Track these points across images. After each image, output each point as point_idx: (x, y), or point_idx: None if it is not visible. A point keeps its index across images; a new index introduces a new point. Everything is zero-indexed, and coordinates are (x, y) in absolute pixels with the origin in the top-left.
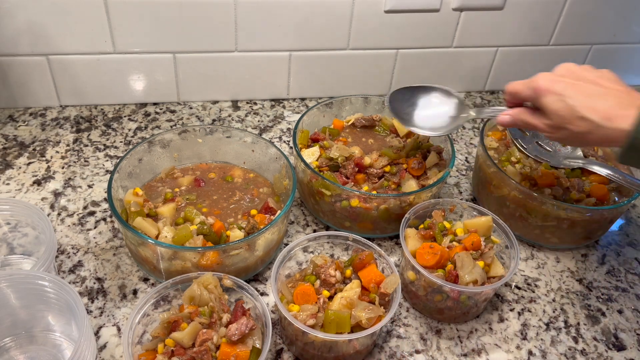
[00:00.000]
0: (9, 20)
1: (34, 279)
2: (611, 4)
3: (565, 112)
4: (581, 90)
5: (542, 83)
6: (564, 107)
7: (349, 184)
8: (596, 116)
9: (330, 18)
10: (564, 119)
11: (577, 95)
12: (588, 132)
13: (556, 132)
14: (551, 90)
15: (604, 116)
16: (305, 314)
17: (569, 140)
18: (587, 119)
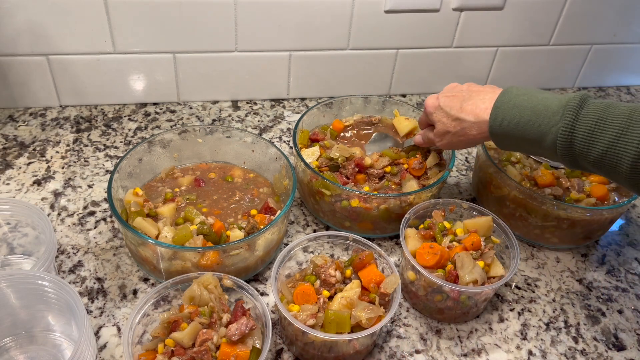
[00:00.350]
0: (9, 20)
1: (34, 279)
2: (611, 4)
3: (443, 118)
4: (453, 98)
5: (427, 103)
6: (443, 115)
7: (349, 184)
8: (465, 115)
9: (330, 18)
10: (444, 124)
11: (450, 102)
12: (464, 129)
13: (443, 138)
14: (434, 106)
15: (471, 113)
16: (305, 314)
17: (454, 142)
18: (460, 119)
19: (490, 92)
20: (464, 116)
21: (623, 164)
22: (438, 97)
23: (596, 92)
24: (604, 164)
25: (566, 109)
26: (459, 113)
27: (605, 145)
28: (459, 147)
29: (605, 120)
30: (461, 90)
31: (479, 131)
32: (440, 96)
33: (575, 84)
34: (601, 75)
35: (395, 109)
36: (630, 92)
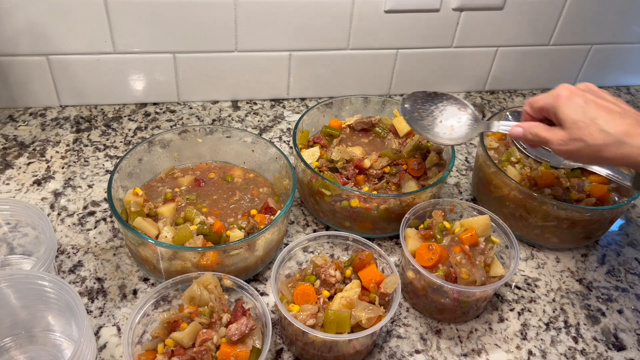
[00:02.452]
0: (9, 20)
1: (34, 279)
2: (611, 4)
3: (585, 123)
4: (602, 105)
5: (564, 92)
6: (584, 117)
7: (349, 184)
8: (616, 130)
9: (330, 18)
10: (582, 130)
11: (598, 109)
12: (605, 146)
13: (569, 144)
14: (573, 100)
15: (624, 132)
16: (305, 314)
17: (581, 154)
18: (606, 132)
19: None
20: (614, 132)
21: None
22: (578, 92)
23: None
24: None
25: None
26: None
27: None
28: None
29: None
30: (608, 100)
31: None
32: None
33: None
34: (601, 75)
35: (395, 109)
36: (630, 92)
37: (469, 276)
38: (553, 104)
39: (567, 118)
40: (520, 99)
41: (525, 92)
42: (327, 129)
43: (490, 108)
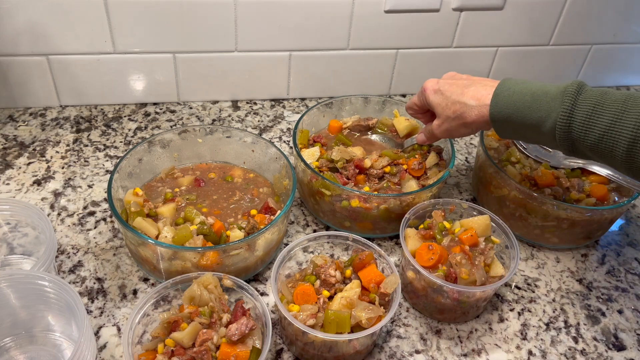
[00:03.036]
0: (9, 20)
1: (34, 279)
2: (611, 4)
3: (443, 101)
4: (453, 84)
5: (426, 86)
6: (442, 98)
7: (349, 184)
8: (466, 98)
9: (330, 18)
10: (444, 109)
11: (451, 87)
12: (463, 113)
13: (443, 125)
14: (434, 89)
15: (472, 97)
16: (305, 314)
17: (453, 128)
18: (459, 102)
19: (490, 81)
20: (464, 100)
21: (619, 148)
22: (438, 81)
23: None
24: (601, 148)
25: (564, 95)
26: (460, 97)
27: (602, 129)
28: (458, 133)
29: (602, 105)
30: (461, 78)
31: (479, 115)
32: (440, 81)
33: None
34: (601, 75)
35: (395, 109)
36: None
37: (469, 276)
38: (423, 99)
39: (433, 104)
40: None
41: None
42: (341, 137)
43: None
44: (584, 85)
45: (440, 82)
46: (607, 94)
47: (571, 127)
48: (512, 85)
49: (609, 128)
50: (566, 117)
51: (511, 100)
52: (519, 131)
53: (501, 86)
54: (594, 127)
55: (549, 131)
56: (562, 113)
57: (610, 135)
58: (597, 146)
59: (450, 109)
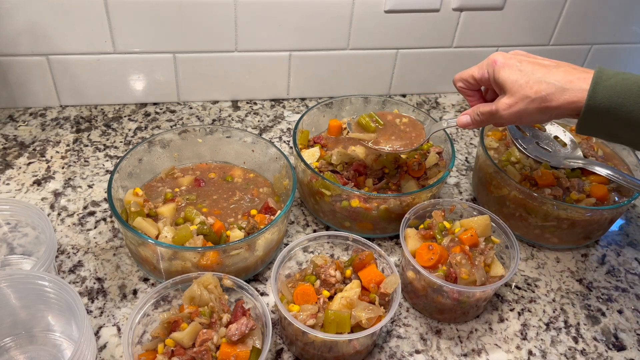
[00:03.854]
0: (9, 20)
1: (34, 279)
2: (611, 4)
3: (525, 79)
4: (536, 62)
5: (498, 58)
6: (522, 75)
7: (349, 184)
8: (556, 79)
9: (330, 18)
10: (523, 87)
11: (533, 65)
12: (548, 95)
13: (515, 106)
14: (508, 63)
15: (563, 79)
16: (305, 314)
17: (528, 112)
18: (547, 82)
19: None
20: (554, 80)
21: None
22: (513, 55)
23: None
24: None
25: None
26: (547, 76)
27: None
28: (529, 119)
29: None
30: (540, 58)
31: (570, 101)
32: (516, 56)
33: None
34: None
35: (395, 109)
36: None
37: (469, 276)
38: (490, 71)
39: (507, 79)
40: None
41: None
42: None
43: None
44: None
45: (516, 58)
46: None
47: None
48: (612, 74)
49: None
50: None
51: (615, 90)
52: (614, 127)
53: (600, 73)
54: None
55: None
56: None
57: None
58: None
59: (532, 88)
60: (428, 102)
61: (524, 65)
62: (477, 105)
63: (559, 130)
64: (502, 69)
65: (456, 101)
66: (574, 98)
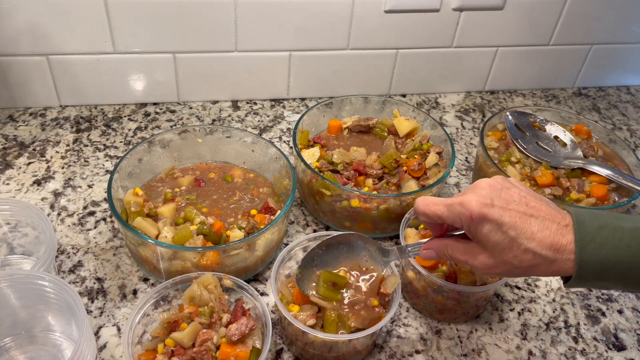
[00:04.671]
0: (9, 20)
1: (34, 279)
2: (611, 4)
3: (505, 242)
4: (517, 216)
5: (475, 208)
6: (505, 238)
7: (349, 184)
8: (541, 247)
9: (330, 18)
10: (505, 252)
11: (515, 223)
12: (535, 266)
13: (496, 268)
14: (487, 217)
15: (549, 246)
16: (305, 314)
17: (512, 274)
18: (533, 252)
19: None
20: (537, 249)
21: None
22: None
23: (596, 92)
24: None
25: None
26: (530, 242)
27: None
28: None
29: None
30: (514, 200)
31: (558, 271)
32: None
33: (575, 84)
34: (601, 75)
35: (395, 109)
36: (630, 92)
37: (469, 276)
38: (465, 224)
39: (487, 240)
40: (520, 99)
41: (525, 92)
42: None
43: (490, 108)
44: None
45: (494, 208)
46: None
47: None
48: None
49: None
50: None
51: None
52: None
53: (581, 226)
54: None
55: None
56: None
57: None
58: None
59: (517, 257)
60: (428, 102)
61: (505, 220)
62: (445, 243)
63: (559, 130)
64: (481, 226)
65: (456, 101)
66: (563, 268)
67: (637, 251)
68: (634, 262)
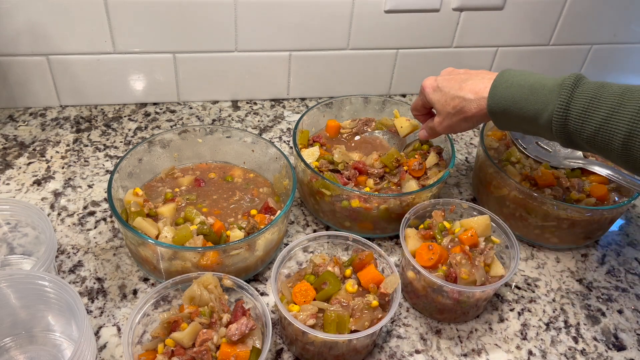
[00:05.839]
0: (9, 20)
1: (34, 279)
2: (611, 4)
3: (442, 98)
4: (451, 79)
5: (424, 84)
6: (440, 95)
7: (349, 184)
8: (465, 93)
9: (330, 18)
10: (443, 104)
11: (449, 83)
12: (462, 107)
13: (444, 121)
14: (432, 86)
15: (470, 91)
16: (305, 314)
17: (454, 124)
18: (459, 97)
19: (488, 74)
20: (463, 94)
21: (615, 141)
22: (436, 79)
23: None
24: (597, 141)
25: (562, 87)
26: (458, 92)
27: (598, 122)
28: (459, 128)
29: (599, 98)
30: (459, 73)
31: (478, 108)
32: (439, 78)
33: None
34: (601, 75)
35: (395, 109)
36: None
37: (469, 276)
38: (423, 97)
39: (433, 102)
40: None
41: None
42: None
43: None
44: (582, 78)
45: (438, 79)
46: (604, 87)
47: (567, 120)
48: (510, 77)
49: (605, 121)
50: (562, 110)
51: (509, 92)
52: (517, 123)
53: (499, 78)
54: (590, 120)
55: (546, 124)
56: (559, 106)
57: (606, 129)
58: (593, 139)
59: (450, 105)
60: None
61: (443, 86)
62: (429, 121)
63: None
64: (430, 93)
65: None
66: (480, 106)
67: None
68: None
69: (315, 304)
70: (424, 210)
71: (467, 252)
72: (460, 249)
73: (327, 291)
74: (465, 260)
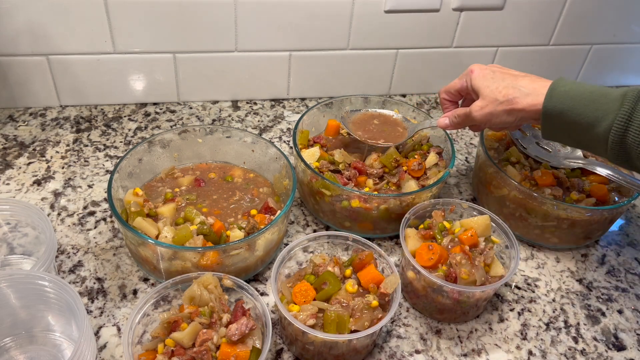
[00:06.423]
0: (9, 20)
1: (34, 279)
2: (611, 4)
3: (494, 84)
4: (506, 72)
5: (475, 68)
6: (493, 81)
7: (349, 184)
8: (522, 84)
9: (330, 18)
10: (493, 91)
11: (503, 74)
12: (514, 98)
13: (486, 107)
14: (482, 72)
15: (526, 86)
16: (305, 314)
17: (497, 113)
18: (514, 87)
19: (543, 79)
20: (519, 86)
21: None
22: (488, 66)
23: None
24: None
25: (625, 98)
26: (514, 82)
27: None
28: (498, 120)
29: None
30: (511, 70)
31: (531, 104)
32: (490, 66)
33: None
34: (601, 75)
35: (396, 109)
36: None
37: (469, 276)
38: (467, 80)
39: (480, 85)
40: None
41: None
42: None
43: None
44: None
45: (490, 67)
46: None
47: (627, 131)
48: (569, 83)
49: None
50: (624, 120)
51: (568, 95)
52: (569, 130)
53: (558, 81)
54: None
55: (603, 133)
56: (621, 115)
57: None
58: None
59: (502, 93)
60: (428, 102)
61: (496, 75)
62: (456, 109)
63: None
64: (477, 77)
65: None
66: (535, 101)
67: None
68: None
69: (315, 304)
70: (424, 210)
71: (467, 252)
72: (460, 249)
73: (327, 291)
74: (465, 260)
